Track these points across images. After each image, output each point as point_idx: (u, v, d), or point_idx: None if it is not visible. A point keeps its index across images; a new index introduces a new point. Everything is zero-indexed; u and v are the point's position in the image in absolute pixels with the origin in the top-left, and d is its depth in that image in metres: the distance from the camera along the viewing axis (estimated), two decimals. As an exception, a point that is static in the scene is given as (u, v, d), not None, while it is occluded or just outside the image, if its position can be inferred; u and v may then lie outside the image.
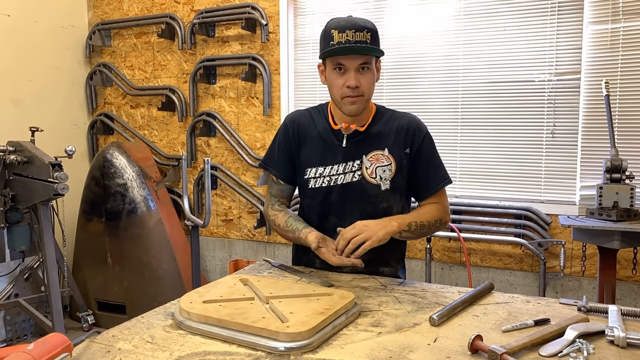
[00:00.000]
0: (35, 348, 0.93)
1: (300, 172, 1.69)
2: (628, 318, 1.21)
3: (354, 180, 1.62)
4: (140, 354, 1.05)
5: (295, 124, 1.71)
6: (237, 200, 3.77)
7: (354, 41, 1.49)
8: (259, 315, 1.14)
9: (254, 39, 3.61)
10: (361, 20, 1.53)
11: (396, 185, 1.62)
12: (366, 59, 1.53)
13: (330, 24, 1.54)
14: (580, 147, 2.83)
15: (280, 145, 1.72)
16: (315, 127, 1.68)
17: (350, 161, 1.62)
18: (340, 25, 1.50)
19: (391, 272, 1.70)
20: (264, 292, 1.29)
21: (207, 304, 1.23)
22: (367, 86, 1.55)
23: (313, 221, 1.69)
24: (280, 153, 1.72)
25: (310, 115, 1.71)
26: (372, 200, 1.61)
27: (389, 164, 1.61)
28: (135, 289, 3.49)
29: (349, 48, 1.49)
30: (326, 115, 1.69)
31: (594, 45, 2.76)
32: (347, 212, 1.62)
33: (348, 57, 1.52)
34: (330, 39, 1.51)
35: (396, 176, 1.62)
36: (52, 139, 3.54)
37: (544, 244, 2.86)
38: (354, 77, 1.52)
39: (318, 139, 1.66)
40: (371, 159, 1.62)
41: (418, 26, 3.18)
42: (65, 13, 4.02)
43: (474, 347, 1.03)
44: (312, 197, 1.68)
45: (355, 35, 1.49)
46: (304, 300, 1.25)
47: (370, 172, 1.61)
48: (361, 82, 1.53)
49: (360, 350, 1.06)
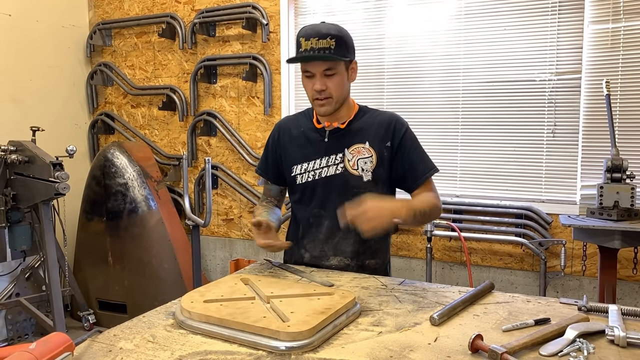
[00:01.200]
0: (37, 347, 0.94)
1: (288, 171, 1.77)
2: (628, 318, 1.22)
3: (337, 172, 1.69)
4: (141, 354, 1.06)
5: (281, 128, 1.82)
6: (238, 200, 3.77)
7: (317, 48, 1.58)
8: (260, 315, 1.15)
9: (254, 39, 3.61)
10: (326, 28, 1.60)
11: (377, 177, 1.68)
12: (329, 64, 1.60)
13: (300, 32, 1.63)
14: (581, 146, 2.83)
15: (268, 150, 1.85)
16: (299, 128, 1.78)
17: (333, 154, 1.70)
18: (307, 34, 1.60)
19: (377, 264, 1.75)
20: (264, 292, 1.29)
21: (208, 303, 1.23)
22: (334, 88, 1.63)
23: (301, 215, 1.77)
24: (268, 157, 1.85)
25: (297, 119, 1.83)
26: (355, 191, 1.66)
27: (370, 156, 1.68)
28: (136, 288, 3.49)
29: (311, 56, 1.59)
30: (311, 116, 1.78)
31: (594, 44, 2.76)
32: (332, 203, 1.68)
33: (313, 64, 1.61)
34: (298, 46, 1.62)
35: (377, 168, 1.68)
36: (53, 138, 3.54)
37: (545, 244, 2.86)
38: (319, 82, 1.61)
39: (302, 138, 1.76)
40: (353, 152, 1.69)
41: (418, 26, 3.18)
42: (66, 13, 4.02)
43: (474, 346, 1.04)
44: (300, 193, 1.76)
45: (318, 42, 1.58)
46: (305, 300, 1.25)
47: (352, 164, 1.68)
48: (327, 85, 1.62)
49: (361, 350, 1.06)
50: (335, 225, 1.67)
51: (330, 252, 1.71)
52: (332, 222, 1.68)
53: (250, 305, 1.22)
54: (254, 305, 1.22)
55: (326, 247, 1.71)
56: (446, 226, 3.01)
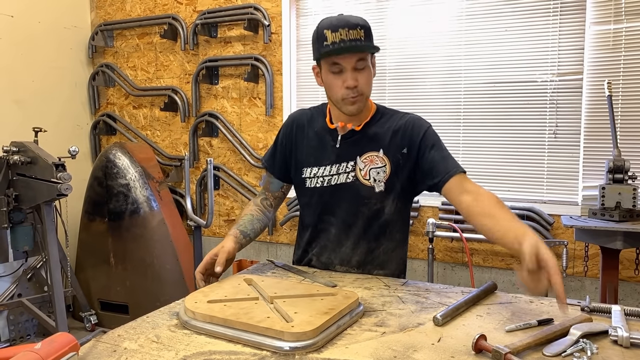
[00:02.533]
0: (42, 347, 0.94)
1: (298, 171, 1.69)
2: (631, 318, 1.22)
3: (347, 181, 1.60)
4: (146, 354, 1.06)
5: (295, 122, 1.72)
6: (240, 201, 3.77)
7: (348, 39, 1.46)
8: (263, 315, 1.15)
9: (256, 40, 3.62)
10: (353, 18, 1.49)
11: (391, 187, 1.59)
12: (362, 55, 1.49)
13: (322, 24, 1.51)
14: (583, 147, 2.83)
15: (278, 142, 1.75)
16: (313, 126, 1.68)
17: (344, 162, 1.61)
18: (333, 25, 1.48)
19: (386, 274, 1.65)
20: (268, 292, 1.29)
21: (212, 304, 1.23)
22: (365, 84, 1.52)
23: (309, 220, 1.71)
24: (277, 150, 1.75)
25: (311, 114, 1.72)
26: (366, 201, 1.60)
27: (384, 165, 1.58)
28: (137, 289, 3.50)
29: (344, 47, 1.46)
30: (325, 114, 1.69)
31: (596, 45, 2.76)
32: (342, 211, 1.63)
33: (344, 57, 1.48)
34: (323, 39, 1.49)
35: (391, 178, 1.59)
36: (55, 139, 3.55)
37: (547, 244, 2.86)
38: (351, 77, 1.49)
39: (315, 139, 1.66)
40: (365, 161, 1.60)
41: (420, 27, 3.18)
42: (68, 14, 4.03)
43: (478, 346, 1.04)
44: (308, 197, 1.68)
45: (349, 33, 1.46)
46: (308, 300, 1.25)
47: (364, 173, 1.59)
48: (359, 80, 1.50)
49: (365, 350, 1.07)
50: (342, 234, 1.63)
51: (337, 260, 1.66)
52: (340, 230, 1.63)
53: (254, 306, 1.22)
54: (258, 305, 1.22)
55: (332, 255, 1.66)
56: (448, 227, 3.01)
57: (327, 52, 1.48)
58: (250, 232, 1.67)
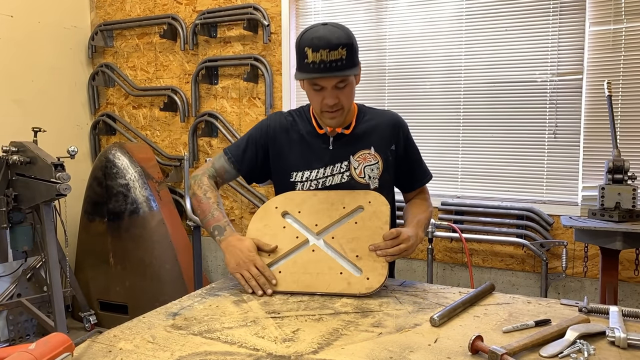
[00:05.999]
0: (37, 348, 0.94)
1: (285, 175, 1.66)
2: (629, 319, 1.21)
3: (342, 181, 1.62)
4: (141, 354, 1.06)
5: (277, 126, 1.69)
6: (239, 201, 3.77)
7: (329, 60, 1.43)
8: (336, 272, 1.43)
9: (255, 40, 3.62)
10: (335, 36, 1.44)
11: (384, 183, 1.64)
12: (342, 77, 1.48)
13: (305, 40, 1.47)
14: (582, 147, 2.83)
15: (253, 139, 1.70)
16: (298, 131, 1.67)
17: (338, 163, 1.63)
18: (314, 44, 1.43)
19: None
20: (310, 226, 1.52)
21: (281, 274, 1.46)
22: (345, 99, 1.53)
23: None
24: (248, 148, 1.70)
25: (293, 120, 1.70)
26: None
27: (376, 162, 1.63)
28: (137, 289, 3.50)
29: (324, 69, 1.44)
30: (309, 119, 1.68)
31: (596, 45, 2.76)
32: None
33: (323, 78, 1.47)
34: (304, 57, 1.46)
35: (383, 174, 1.64)
36: (54, 139, 3.54)
37: (546, 245, 2.86)
38: (330, 95, 1.49)
39: (302, 143, 1.65)
40: (358, 159, 1.63)
41: (420, 26, 3.18)
42: (68, 14, 4.03)
43: (474, 347, 1.03)
44: None
45: (329, 54, 1.42)
46: (352, 227, 1.50)
47: (358, 172, 1.62)
48: (339, 98, 1.51)
49: (361, 351, 1.06)
50: None
51: None
52: None
53: (316, 258, 1.46)
54: (317, 255, 1.47)
55: None
56: (447, 227, 3.01)
57: (307, 72, 1.48)
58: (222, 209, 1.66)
